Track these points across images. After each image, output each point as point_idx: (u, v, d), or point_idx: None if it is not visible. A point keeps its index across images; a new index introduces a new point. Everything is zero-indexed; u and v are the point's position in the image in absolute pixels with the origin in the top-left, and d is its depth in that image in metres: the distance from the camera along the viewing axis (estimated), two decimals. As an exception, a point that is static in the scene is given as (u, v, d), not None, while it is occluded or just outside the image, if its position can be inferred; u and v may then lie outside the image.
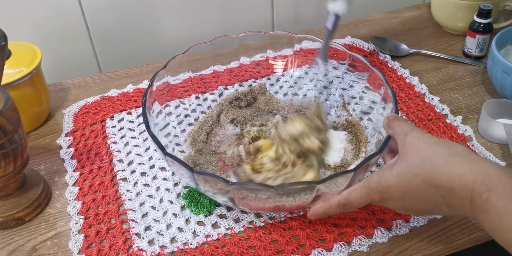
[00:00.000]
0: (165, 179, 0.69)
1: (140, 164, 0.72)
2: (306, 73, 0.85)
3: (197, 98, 0.80)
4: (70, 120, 0.81)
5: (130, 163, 0.72)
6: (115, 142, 0.76)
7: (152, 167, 0.71)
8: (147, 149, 0.75)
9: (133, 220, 0.64)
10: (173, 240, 0.62)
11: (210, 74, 0.84)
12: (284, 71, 0.84)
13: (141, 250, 0.61)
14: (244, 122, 0.77)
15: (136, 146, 0.75)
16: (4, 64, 0.57)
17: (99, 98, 0.85)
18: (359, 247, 0.60)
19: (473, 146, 0.73)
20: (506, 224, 0.44)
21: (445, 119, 0.77)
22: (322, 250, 0.59)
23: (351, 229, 0.61)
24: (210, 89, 0.83)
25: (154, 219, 0.64)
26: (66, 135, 0.78)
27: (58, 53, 0.97)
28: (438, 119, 0.78)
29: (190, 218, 0.64)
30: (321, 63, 0.71)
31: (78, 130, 0.79)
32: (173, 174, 0.70)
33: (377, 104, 0.70)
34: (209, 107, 0.80)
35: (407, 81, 0.86)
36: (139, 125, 0.79)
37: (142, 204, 0.66)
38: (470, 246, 0.60)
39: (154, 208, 0.66)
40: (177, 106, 0.77)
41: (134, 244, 0.61)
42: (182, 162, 0.55)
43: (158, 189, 0.68)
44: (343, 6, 0.68)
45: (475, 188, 0.46)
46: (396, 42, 0.95)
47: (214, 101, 0.81)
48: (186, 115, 0.77)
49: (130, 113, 0.82)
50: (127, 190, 0.68)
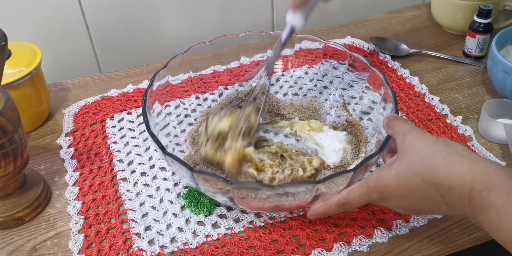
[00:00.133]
0: (165, 179, 0.69)
1: (140, 164, 0.72)
2: (306, 73, 0.85)
3: (197, 98, 0.80)
4: (70, 120, 0.81)
5: (130, 163, 0.72)
6: (115, 142, 0.76)
7: (152, 167, 0.71)
8: (147, 149, 0.75)
9: (133, 220, 0.64)
10: (173, 240, 0.62)
11: (210, 74, 0.84)
12: (284, 71, 0.84)
13: (141, 250, 0.61)
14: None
15: (136, 146, 0.75)
16: (4, 64, 0.57)
17: (99, 98, 0.85)
18: (359, 247, 0.60)
19: (473, 146, 0.73)
20: (505, 223, 0.44)
21: (445, 119, 0.77)
22: (322, 250, 0.59)
23: (351, 229, 0.61)
24: (210, 89, 0.83)
25: (154, 219, 0.64)
26: (66, 135, 0.78)
27: (58, 53, 0.97)
28: (438, 119, 0.78)
29: (190, 218, 0.64)
30: (263, 74, 0.70)
31: (78, 130, 0.79)
32: (173, 174, 0.70)
33: (377, 104, 0.70)
34: (209, 107, 0.80)
35: (407, 81, 0.86)
36: (139, 125, 0.79)
37: (142, 204, 0.66)
38: (470, 246, 0.60)
39: (154, 208, 0.66)
40: (177, 106, 0.77)
41: (134, 244, 0.61)
42: (182, 162, 0.55)
43: (158, 189, 0.68)
44: (301, 20, 0.67)
45: (474, 187, 0.46)
46: (396, 42, 0.95)
47: (214, 101, 0.81)
48: (186, 115, 0.77)
49: (130, 113, 0.82)
50: (127, 190, 0.68)
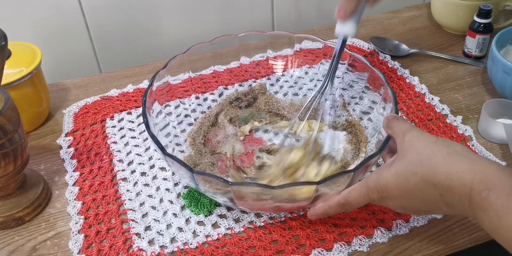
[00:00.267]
0: (165, 179, 0.69)
1: (140, 164, 0.72)
2: (306, 73, 0.85)
3: (197, 98, 0.80)
4: (70, 120, 0.81)
5: (130, 163, 0.72)
6: (115, 142, 0.76)
7: (152, 167, 0.71)
8: (147, 149, 0.75)
9: (133, 220, 0.64)
10: (173, 240, 0.62)
11: (210, 74, 0.84)
12: (284, 71, 0.84)
13: (141, 250, 0.61)
14: (243, 122, 0.77)
15: (136, 146, 0.75)
16: (4, 64, 0.57)
17: (99, 98, 0.85)
18: (359, 247, 0.60)
19: (473, 146, 0.73)
20: (504, 222, 0.44)
21: (445, 119, 0.77)
22: (322, 250, 0.59)
23: (351, 229, 0.61)
24: (210, 89, 0.83)
25: (154, 219, 0.64)
26: (66, 135, 0.78)
27: (58, 53, 0.97)
28: (438, 119, 0.78)
29: (190, 218, 0.64)
30: (328, 85, 0.70)
31: (78, 130, 0.79)
32: (173, 174, 0.70)
33: (377, 104, 0.70)
34: (209, 107, 0.80)
35: (407, 81, 0.86)
36: (139, 125, 0.79)
37: (142, 204, 0.66)
38: (470, 246, 0.60)
39: (154, 208, 0.66)
40: (177, 106, 0.77)
41: (134, 244, 0.61)
42: (182, 162, 0.55)
43: (158, 189, 0.68)
44: (353, 29, 0.66)
45: (474, 186, 0.46)
46: (396, 42, 0.95)
47: (214, 101, 0.81)
48: (186, 115, 0.77)
49: (130, 113, 0.82)
50: (127, 190, 0.68)
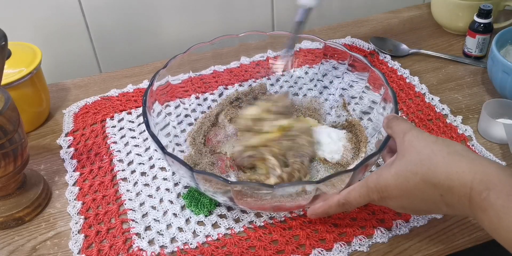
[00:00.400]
0: (165, 179, 0.69)
1: (140, 164, 0.72)
2: (306, 73, 0.85)
3: (197, 98, 0.80)
4: (70, 120, 0.81)
5: (130, 163, 0.72)
6: (115, 142, 0.76)
7: (152, 167, 0.71)
8: (147, 149, 0.75)
9: (133, 220, 0.64)
10: (173, 240, 0.62)
11: (210, 74, 0.84)
12: (284, 71, 0.84)
13: (141, 250, 0.61)
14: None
15: (136, 146, 0.75)
16: (4, 64, 0.57)
17: (99, 98, 0.85)
18: (359, 247, 0.60)
19: (473, 146, 0.73)
20: (504, 222, 0.44)
21: (445, 119, 0.77)
22: (322, 250, 0.59)
23: (351, 229, 0.61)
24: (210, 89, 0.83)
25: (154, 219, 0.64)
26: (66, 135, 0.78)
27: (58, 53, 0.97)
28: (438, 119, 0.78)
29: (190, 218, 0.64)
30: (285, 54, 0.72)
31: (78, 130, 0.79)
32: (173, 174, 0.70)
33: (377, 104, 0.70)
34: (209, 107, 0.80)
35: (407, 81, 0.86)
36: (139, 125, 0.79)
37: (142, 204, 0.66)
38: (470, 246, 0.60)
39: (154, 208, 0.66)
40: (177, 106, 0.77)
41: (134, 244, 0.61)
42: (182, 162, 0.55)
43: (158, 189, 0.68)
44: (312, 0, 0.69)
45: (474, 186, 0.46)
46: (396, 42, 0.95)
47: (214, 101, 0.81)
48: (186, 115, 0.77)
49: (130, 113, 0.82)
50: (127, 190, 0.68)
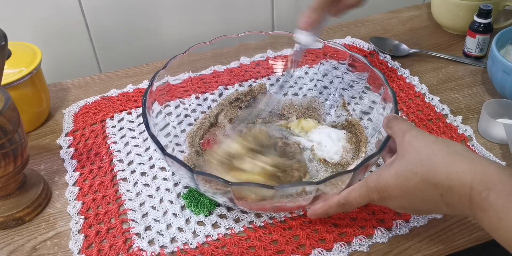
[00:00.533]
0: (165, 179, 0.69)
1: (140, 164, 0.72)
2: (306, 73, 0.85)
3: (197, 98, 0.80)
4: (70, 120, 0.81)
5: (130, 163, 0.72)
6: (115, 142, 0.76)
7: (152, 167, 0.71)
8: (147, 149, 0.75)
9: (133, 220, 0.64)
10: (173, 240, 0.62)
11: (210, 74, 0.84)
12: (284, 71, 0.84)
13: (141, 250, 0.61)
14: (243, 122, 0.77)
15: (136, 146, 0.75)
16: (4, 64, 0.57)
17: (99, 98, 0.85)
18: (359, 247, 0.60)
19: (473, 146, 0.73)
20: (504, 222, 0.44)
21: (445, 119, 0.77)
22: (322, 250, 0.59)
23: (351, 229, 0.61)
24: (210, 89, 0.83)
25: (154, 219, 0.64)
26: (66, 135, 0.78)
27: (58, 53, 0.97)
28: (438, 119, 0.78)
29: (190, 218, 0.64)
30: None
31: (78, 130, 0.79)
32: (173, 174, 0.70)
33: (377, 104, 0.70)
34: (209, 107, 0.80)
35: (407, 81, 0.86)
36: (139, 125, 0.79)
37: (142, 204, 0.66)
38: (470, 246, 0.60)
39: (154, 208, 0.66)
40: (177, 106, 0.77)
41: (134, 244, 0.61)
42: (182, 163, 0.55)
43: (158, 189, 0.68)
44: (312, 39, 0.69)
45: (474, 186, 0.46)
46: (396, 42, 0.95)
47: (214, 101, 0.81)
48: (186, 115, 0.77)
49: (130, 113, 0.82)
50: (127, 190, 0.68)
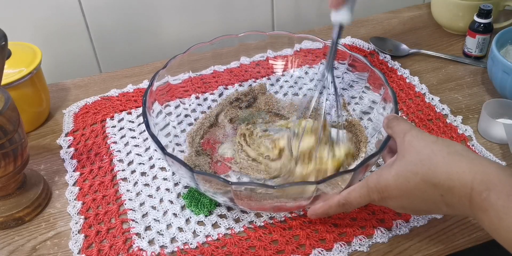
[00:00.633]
0: (165, 179, 0.69)
1: (140, 164, 0.72)
2: (306, 73, 0.85)
3: (197, 98, 0.80)
4: (70, 120, 0.81)
5: (130, 163, 0.72)
6: (115, 142, 0.76)
7: (152, 167, 0.71)
8: (147, 149, 0.75)
9: (133, 220, 0.64)
10: (173, 240, 0.62)
11: (210, 74, 0.84)
12: (284, 71, 0.84)
13: (141, 250, 0.61)
14: (243, 122, 0.77)
15: (136, 146, 0.75)
16: (4, 64, 0.57)
17: (99, 98, 0.85)
18: (359, 247, 0.60)
19: (473, 146, 0.73)
20: (505, 222, 0.44)
21: (445, 119, 0.77)
22: (322, 250, 0.59)
23: (351, 229, 0.61)
24: (210, 89, 0.83)
25: (154, 219, 0.64)
26: (66, 135, 0.78)
27: (58, 53, 0.97)
28: (438, 119, 0.78)
29: (190, 218, 0.64)
30: (325, 74, 0.69)
31: (78, 130, 0.79)
32: (173, 174, 0.70)
33: (377, 104, 0.70)
34: (209, 107, 0.80)
35: (407, 81, 0.86)
36: (139, 125, 0.79)
37: (142, 204, 0.66)
38: (470, 246, 0.60)
39: (154, 208, 0.66)
40: (177, 106, 0.77)
41: (134, 244, 0.61)
42: (182, 162, 0.55)
43: (158, 189, 0.68)
44: (347, 16, 0.65)
45: (474, 187, 0.46)
46: (396, 42, 0.95)
47: (214, 101, 0.81)
48: (186, 115, 0.77)
49: (130, 113, 0.82)
50: (127, 190, 0.68)
